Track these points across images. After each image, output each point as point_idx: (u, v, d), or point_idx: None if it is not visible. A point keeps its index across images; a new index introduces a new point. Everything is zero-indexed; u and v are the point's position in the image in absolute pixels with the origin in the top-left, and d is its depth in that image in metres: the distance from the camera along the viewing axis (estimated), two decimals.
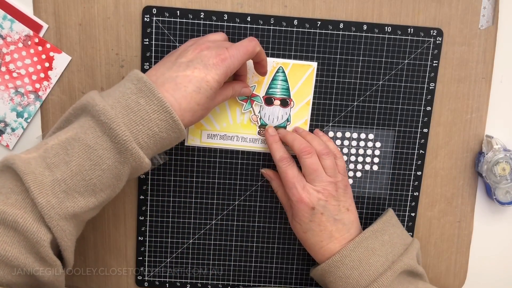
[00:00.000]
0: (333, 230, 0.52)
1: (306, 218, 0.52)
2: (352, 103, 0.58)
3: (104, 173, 0.44)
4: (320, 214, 0.52)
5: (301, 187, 0.52)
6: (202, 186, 0.59)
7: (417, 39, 0.57)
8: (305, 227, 0.53)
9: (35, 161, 0.42)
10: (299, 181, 0.52)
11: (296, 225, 0.54)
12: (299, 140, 0.54)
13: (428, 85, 0.58)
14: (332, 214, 0.52)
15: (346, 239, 0.53)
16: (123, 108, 0.44)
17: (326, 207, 0.52)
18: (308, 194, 0.52)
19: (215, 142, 0.58)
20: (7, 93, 0.56)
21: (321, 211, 0.52)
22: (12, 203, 0.41)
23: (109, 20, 0.55)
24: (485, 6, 0.57)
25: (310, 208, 0.52)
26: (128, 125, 0.44)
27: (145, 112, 0.44)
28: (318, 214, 0.52)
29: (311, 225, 0.53)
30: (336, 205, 0.53)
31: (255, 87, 0.57)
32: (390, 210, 0.57)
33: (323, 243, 0.53)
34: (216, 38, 0.53)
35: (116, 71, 0.56)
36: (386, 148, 0.59)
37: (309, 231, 0.53)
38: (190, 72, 0.47)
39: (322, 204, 0.52)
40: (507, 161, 0.57)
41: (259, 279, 0.61)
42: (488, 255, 0.63)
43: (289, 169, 0.53)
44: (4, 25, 0.55)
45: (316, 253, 0.54)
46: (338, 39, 0.56)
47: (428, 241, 0.61)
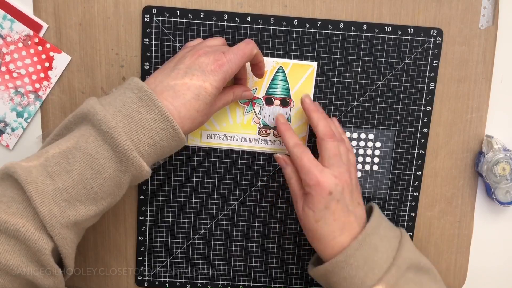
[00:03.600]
0: (345, 222, 0.51)
1: (322, 204, 0.50)
2: (352, 103, 0.58)
3: (105, 182, 0.44)
4: (336, 201, 0.50)
5: (319, 171, 0.50)
6: (202, 186, 0.59)
7: (417, 39, 0.57)
8: (318, 215, 0.51)
9: (36, 169, 0.43)
10: (316, 165, 0.51)
11: (309, 213, 0.51)
12: (323, 121, 0.53)
13: (428, 85, 0.58)
14: (347, 203, 0.51)
15: (353, 235, 0.51)
16: (124, 117, 0.45)
17: (342, 194, 0.51)
18: (327, 178, 0.50)
19: (215, 142, 0.58)
20: (7, 93, 0.56)
21: (337, 198, 0.50)
22: (14, 212, 0.41)
23: (109, 20, 0.55)
24: (485, 6, 0.57)
25: (327, 192, 0.50)
26: (129, 134, 0.44)
27: (145, 121, 0.45)
28: (334, 201, 0.50)
29: (325, 212, 0.50)
30: (350, 195, 0.52)
31: (256, 90, 0.57)
32: (374, 204, 0.56)
33: (335, 233, 0.51)
34: (214, 43, 0.53)
35: (116, 71, 0.56)
36: (386, 148, 0.59)
37: (322, 220, 0.51)
38: (188, 80, 0.47)
39: (339, 190, 0.50)
40: (507, 161, 0.57)
41: (259, 279, 0.61)
42: (488, 255, 0.63)
43: (305, 154, 0.52)
44: (4, 25, 0.55)
45: (326, 246, 0.51)
46: (338, 39, 0.56)
47: (428, 241, 0.61)
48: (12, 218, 0.41)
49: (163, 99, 0.46)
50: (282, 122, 0.55)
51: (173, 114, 0.46)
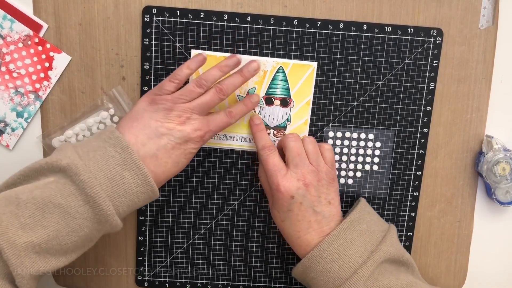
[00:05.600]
0: (311, 221, 0.52)
1: (285, 206, 0.52)
2: (352, 103, 0.58)
3: (80, 239, 0.45)
4: (299, 203, 0.52)
5: (282, 175, 0.52)
6: (202, 186, 0.59)
7: (417, 39, 0.57)
8: (283, 216, 0.53)
9: (6, 217, 0.42)
10: (280, 169, 0.52)
11: (275, 213, 0.54)
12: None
13: (428, 85, 0.58)
14: (311, 204, 0.52)
15: (325, 232, 0.52)
16: (108, 180, 0.45)
17: (305, 196, 0.52)
18: (288, 183, 0.52)
19: (215, 142, 0.58)
20: (7, 93, 0.56)
21: (300, 201, 0.52)
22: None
23: (109, 20, 0.55)
24: (485, 6, 0.57)
25: (289, 196, 0.51)
26: (112, 198, 0.45)
27: (128, 186, 0.46)
28: (297, 203, 0.52)
29: (289, 214, 0.52)
30: (316, 196, 0.52)
31: (256, 88, 0.57)
32: (362, 199, 0.57)
33: (300, 233, 0.52)
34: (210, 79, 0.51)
35: (116, 71, 0.56)
36: (386, 148, 0.59)
37: (287, 220, 0.53)
38: (170, 147, 0.49)
39: (302, 193, 0.51)
40: (507, 161, 0.57)
41: (259, 279, 0.61)
42: (488, 255, 0.62)
43: (271, 157, 0.53)
44: (4, 25, 0.55)
45: (294, 244, 0.54)
46: (338, 39, 0.56)
47: (428, 241, 0.61)
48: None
49: (146, 164, 0.47)
50: (256, 124, 0.56)
51: (153, 178, 0.48)
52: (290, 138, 0.54)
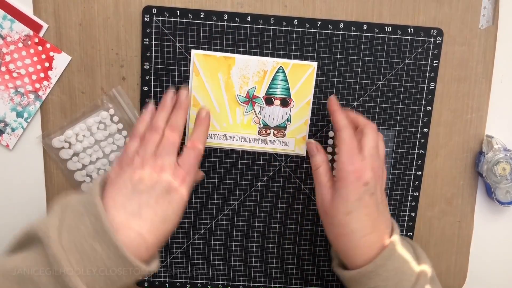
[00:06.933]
0: (376, 219, 0.48)
1: (355, 195, 0.47)
2: (352, 103, 0.58)
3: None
4: (370, 194, 0.47)
5: (360, 159, 0.48)
6: (202, 186, 0.59)
7: (417, 39, 0.57)
8: (350, 207, 0.47)
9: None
10: (358, 152, 0.48)
11: (339, 204, 0.48)
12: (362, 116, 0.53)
13: (428, 85, 0.58)
14: (378, 200, 0.48)
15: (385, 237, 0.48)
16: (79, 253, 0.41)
17: (376, 188, 0.48)
18: (365, 168, 0.47)
19: (215, 142, 0.58)
20: (7, 93, 0.56)
21: (371, 191, 0.47)
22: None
23: (109, 20, 0.55)
24: (485, 6, 0.57)
25: (363, 182, 0.47)
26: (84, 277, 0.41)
27: (101, 261, 0.42)
28: (368, 193, 0.47)
29: (357, 205, 0.47)
30: (380, 194, 0.49)
31: (255, 88, 0.57)
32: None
33: (366, 230, 0.47)
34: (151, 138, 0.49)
35: (116, 71, 0.56)
36: (386, 148, 0.59)
37: (354, 212, 0.47)
38: (154, 203, 0.46)
39: (373, 184, 0.48)
40: (507, 161, 0.57)
41: (259, 279, 0.61)
42: (488, 255, 0.62)
43: (353, 139, 0.49)
44: (4, 25, 0.55)
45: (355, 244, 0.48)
46: (338, 39, 0.56)
47: (428, 241, 0.61)
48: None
49: (127, 228, 0.44)
50: (336, 103, 0.52)
51: (139, 244, 0.44)
52: (374, 128, 0.50)
